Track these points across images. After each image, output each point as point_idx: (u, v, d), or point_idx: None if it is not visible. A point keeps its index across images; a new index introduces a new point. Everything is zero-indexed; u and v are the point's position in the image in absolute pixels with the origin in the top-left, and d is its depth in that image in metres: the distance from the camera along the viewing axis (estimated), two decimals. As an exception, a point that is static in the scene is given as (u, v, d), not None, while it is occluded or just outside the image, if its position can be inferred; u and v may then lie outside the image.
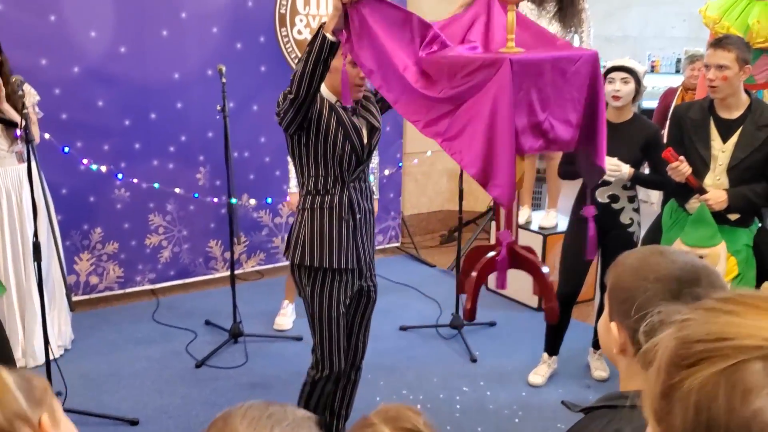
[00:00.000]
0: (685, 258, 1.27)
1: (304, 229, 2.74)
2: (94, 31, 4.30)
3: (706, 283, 1.20)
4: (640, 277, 1.24)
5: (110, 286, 4.67)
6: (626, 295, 1.25)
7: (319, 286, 2.75)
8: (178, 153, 4.72)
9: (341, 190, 2.73)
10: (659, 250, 1.30)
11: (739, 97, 3.06)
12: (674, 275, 1.22)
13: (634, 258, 1.29)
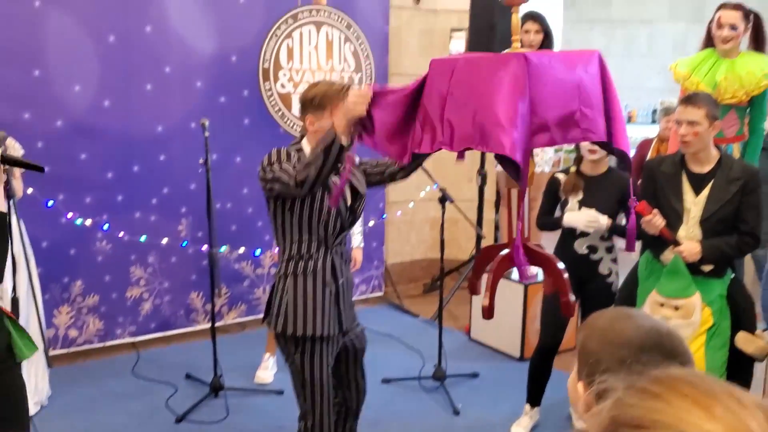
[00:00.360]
0: (651, 323, 1.30)
1: (287, 297, 2.70)
2: (78, 85, 4.35)
3: (669, 349, 1.24)
4: (606, 341, 1.28)
5: (90, 340, 4.63)
6: (593, 357, 1.28)
7: (308, 355, 2.71)
8: (160, 205, 4.74)
9: (324, 255, 2.72)
10: (627, 314, 1.34)
11: (710, 152, 3.14)
12: (638, 341, 1.26)
13: (603, 320, 1.33)
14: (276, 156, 2.65)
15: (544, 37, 4.67)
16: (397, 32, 5.97)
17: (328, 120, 2.60)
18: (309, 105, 2.67)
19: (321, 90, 2.66)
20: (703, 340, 3.06)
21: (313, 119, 2.67)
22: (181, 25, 4.64)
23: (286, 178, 2.54)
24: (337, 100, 2.62)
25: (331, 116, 2.60)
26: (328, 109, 2.64)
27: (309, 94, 2.68)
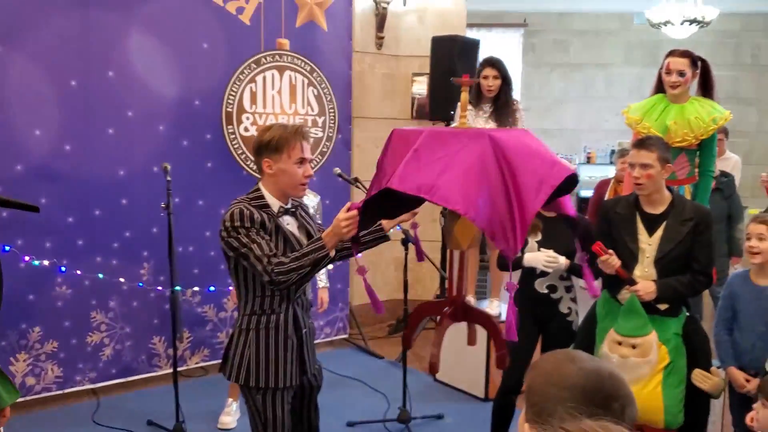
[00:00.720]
0: (593, 366, 1.35)
1: (249, 351, 2.69)
2: (38, 130, 4.34)
3: (610, 392, 1.29)
4: (550, 384, 1.32)
5: (48, 387, 4.54)
6: (537, 399, 1.32)
7: (270, 401, 2.71)
8: (122, 249, 4.70)
9: (286, 309, 2.71)
10: (571, 357, 1.38)
11: (663, 194, 3.24)
12: (580, 384, 1.30)
13: (548, 363, 1.37)
14: (242, 220, 2.58)
15: (503, 83, 4.79)
16: (360, 76, 6.07)
17: (286, 161, 2.65)
18: (266, 148, 2.67)
19: (277, 133, 2.67)
20: (660, 378, 3.11)
21: (271, 162, 2.67)
22: (144, 69, 4.67)
23: (260, 267, 2.53)
24: (293, 141, 2.66)
25: (289, 158, 2.65)
26: (286, 151, 2.66)
27: (265, 137, 2.68)
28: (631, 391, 1.31)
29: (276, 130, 2.69)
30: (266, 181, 2.73)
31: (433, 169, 2.22)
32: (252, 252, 2.55)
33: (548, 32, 10.26)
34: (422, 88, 6.28)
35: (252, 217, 2.59)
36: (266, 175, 2.71)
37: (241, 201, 2.67)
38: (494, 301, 5.04)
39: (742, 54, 10.16)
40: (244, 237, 2.56)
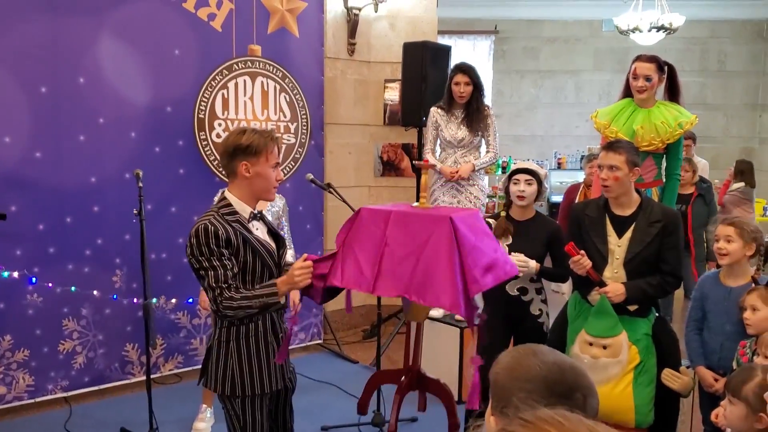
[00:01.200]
0: (554, 359, 1.39)
1: (231, 361, 2.69)
2: (8, 137, 4.30)
3: (571, 383, 1.33)
4: (513, 377, 1.36)
5: (19, 396, 4.49)
6: (502, 392, 1.36)
7: (250, 408, 2.72)
8: (94, 256, 4.67)
9: (263, 316, 2.72)
10: (533, 350, 1.42)
11: (631, 196, 3.31)
12: (541, 376, 1.34)
13: (511, 357, 1.41)
14: (206, 237, 2.55)
15: (474, 89, 4.85)
16: (332, 82, 6.10)
17: (264, 166, 2.66)
18: (243, 152, 2.66)
19: (254, 137, 2.67)
20: (630, 378, 3.17)
21: (249, 165, 2.66)
22: (115, 76, 4.65)
23: (210, 295, 2.57)
24: (271, 145, 2.68)
25: (267, 161, 2.66)
26: (264, 154, 2.66)
27: (242, 141, 2.66)
28: (592, 383, 1.36)
29: (253, 134, 2.69)
30: (237, 185, 2.71)
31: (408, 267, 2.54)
32: (208, 278, 2.56)
33: (518, 39, 10.37)
34: (394, 95, 6.33)
35: (217, 233, 2.56)
36: (239, 179, 2.69)
37: (209, 214, 2.64)
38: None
39: (709, 60, 10.37)
40: (205, 261, 2.56)
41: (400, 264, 2.56)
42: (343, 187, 4.50)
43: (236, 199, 2.70)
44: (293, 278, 2.60)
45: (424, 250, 2.52)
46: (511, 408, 1.32)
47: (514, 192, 3.67)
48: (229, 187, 2.74)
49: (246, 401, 2.71)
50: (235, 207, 2.69)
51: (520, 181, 3.67)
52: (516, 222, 3.71)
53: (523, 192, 3.65)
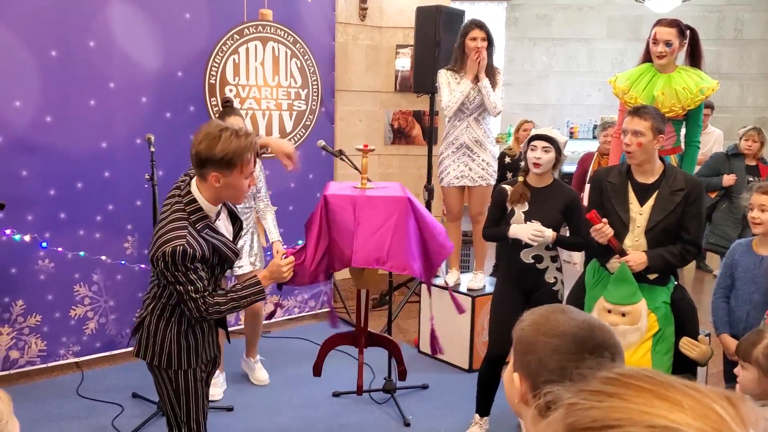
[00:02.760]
0: (583, 317, 1.36)
1: (170, 334, 2.68)
2: (18, 101, 4.26)
3: (600, 341, 1.30)
4: (541, 333, 1.33)
5: (32, 361, 4.51)
6: (527, 348, 1.33)
7: (184, 381, 2.74)
8: (105, 222, 4.66)
9: None
10: (561, 308, 1.39)
11: (654, 163, 3.25)
12: (570, 332, 1.31)
13: (537, 314, 1.38)
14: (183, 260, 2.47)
15: (488, 45, 4.75)
16: (344, 48, 6.02)
17: (237, 176, 2.50)
18: (216, 162, 2.47)
19: (232, 146, 2.46)
20: (649, 346, 3.15)
21: (220, 176, 2.49)
22: (126, 40, 4.59)
23: (193, 305, 2.54)
24: (247, 155, 2.50)
25: (241, 173, 2.51)
26: (239, 167, 2.49)
27: (216, 150, 2.45)
28: (620, 344, 1.33)
29: (228, 143, 2.47)
30: (205, 188, 2.56)
31: (380, 241, 2.99)
32: (187, 292, 2.53)
33: (531, 6, 10.21)
34: (406, 61, 6.25)
35: (194, 255, 2.49)
36: (208, 184, 2.54)
37: (180, 228, 2.51)
38: (478, 273, 5.06)
39: (725, 28, 10.19)
40: (181, 276, 2.50)
41: (370, 239, 2.99)
42: (353, 155, 4.45)
43: (203, 199, 2.58)
44: (280, 273, 2.76)
45: (392, 227, 3.01)
46: (536, 364, 1.30)
47: (531, 158, 3.61)
48: (197, 184, 2.58)
49: (180, 373, 2.72)
50: (202, 207, 2.58)
51: (537, 148, 3.60)
52: (533, 189, 3.66)
53: (539, 159, 3.59)
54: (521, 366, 1.35)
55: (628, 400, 0.70)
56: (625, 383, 0.72)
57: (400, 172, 6.39)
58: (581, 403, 0.72)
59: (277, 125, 5.38)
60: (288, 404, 4.15)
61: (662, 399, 0.69)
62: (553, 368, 1.27)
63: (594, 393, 0.73)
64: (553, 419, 0.76)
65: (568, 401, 0.74)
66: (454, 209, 5.07)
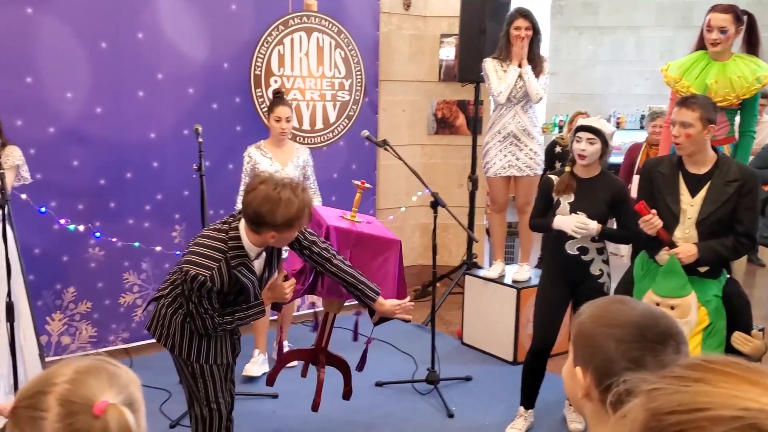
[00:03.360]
0: (644, 306, 1.33)
1: (187, 328, 2.74)
2: (70, 92, 4.35)
3: (665, 328, 1.26)
4: (602, 323, 1.30)
5: (83, 346, 4.62)
6: (589, 341, 1.31)
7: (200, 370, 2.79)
8: (153, 211, 4.74)
9: None
10: (620, 299, 1.36)
11: (707, 154, 3.16)
12: (633, 321, 1.28)
13: (596, 306, 1.35)
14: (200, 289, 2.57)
15: (534, 33, 4.69)
16: (387, 38, 6.00)
17: (291, 233, 2.64)
18: (274, 225, 2.55)
19: (293, 211, 2.53)
20: (699, 340, 3.09)
21: (277, 235, 2.60)
22: (173, 31, 4.65)
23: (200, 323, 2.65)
24: (304, 219, 2.61)
25: (294, 231, 2.64)
26: (295, 227, 2.61)
27: (278, 216, 2.52)
28: (683, 331, 1.29)
29: (290, 208, 2.53)
30: (253, 234, 2.62)
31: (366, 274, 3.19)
32: (198, 312, 2.63)
33: (577, -6, 10.06)
34: (450, 51, 6.21)
35: (211, 289, 2.57)
36: (263, 236, 2.61)
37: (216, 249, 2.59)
38: (524, 265, 5.01)
39: (779, 15, 9.89)
40: (195, 297, 2.60)
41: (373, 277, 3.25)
42: (396, 145, 4.44)
43: (248, 241, 2.64)
44: (282, 295, 2.91)
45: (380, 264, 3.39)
46: (600, 356, 1.27)
47: (576, 150, 3.55)
48: (246, 230, 2.63)
49: (197, 364, 2.78)
50: (245, 248, 2.64)
51: (582, 139, 3.54)
52: (580, 179, 3.61)
53: (584, 151, 3.53)
54: (583, 359, 1.32)
55: (715, 385, 0.68)
56: (711, 369, 0.71)
57: (443, 162, 6.36)
58: (665, 388, 0.71)
59: (320, 116, 5.40)
60: (331, 393, 4.17)
61: (752, 384, 0.68)
62: (618, 359, 1.25)
63: (678, 378, 0.71)
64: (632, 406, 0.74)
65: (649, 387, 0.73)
66: (499, 200, 5.02)
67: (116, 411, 1.05)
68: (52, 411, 1.04)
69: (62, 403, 1.05)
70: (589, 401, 1.32)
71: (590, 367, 1.30)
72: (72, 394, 1.06)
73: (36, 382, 1.10)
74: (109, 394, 1.08)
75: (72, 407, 1.04)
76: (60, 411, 1.04)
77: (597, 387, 1.29)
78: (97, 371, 1.11)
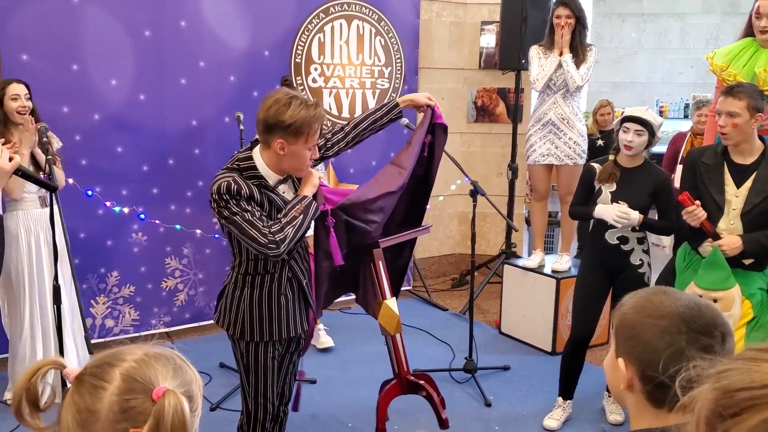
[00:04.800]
0: (688, 297, 1.32)
1: (243, 305, 2.66)
2: (114, 80, 4.42)
3: (710, 319, 1.25)
4: (645, 315, 1.29)
5: (126, 329, 4.71)
6: (632, 332, 1.29)
7: (254, 355, 2.72)
8: (195, 198, 4.80)
9: (281, 268, 2.66)
10: (663, 289, 1.35)
11: (753, 143, 3.09)
12: (678, 312, 1.26)
13: (639, 297, 1.34)
14: (228, 193, 2.45)
15: (576, 22, 4.63)
16: (427, 25, 5.98)
17: (302, 146, 2.49)
18: (283, 129, 2.46)
19: (300, 115, 2.45)
20: (743, 333, 3.03)
21: (285, 144, 2.48)
22: (215, 20, 4.69)
23: (253, 233, 2.44)
24: (316, 126, 2.50)
25: (306, 143, 2.49)
26: (305, 136, 2.48)
27: (285, 117, 2.45)
28: (728, 321, 1.27)
29: (297, 111, 2.46)
30: (268, 155, 2.54)
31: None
32: (244, 227, 2.46)
33: (621, -20, 9.89)
34: (490, 38, 6.16)
35: (240, 191, 2.46)
36: (273, 153, 2.51)
37: (228, 172, 2.52)
38: (563, 255, 4.97)
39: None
40: (234, 207, 2.45)
41: None
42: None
43: (263, 165, 2.54)
44: (312, 180, 2.62)
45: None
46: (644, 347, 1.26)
47: (622, 140, 3.50)
48: (260, 151, 2.56)
49: (252, 346, 2.70)
50: (260, 171, 2.53)
51: (629, 130, 3.48)
52: (623, 169, 3.56)
53: (630, 142, 3.47)
54: (625, 351, 1.31)
55: None
56: None
57: (482, 150, 6.33)
58: (736, 368, 0.71)
59: (360, 104, 5.40)
60: (369, 379, 4.20)
61: None
62: (663, 349, 1.23)
63: (749, 360, 0.72)
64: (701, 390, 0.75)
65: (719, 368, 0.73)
66: (540, 188, 4.98)
67: (174, 397, 1.06)
68: (114, 384, 1.07)
69: (125, 378, 1.08)
70: (631, 393, 1.31)
71: (633, 359, 1.28)
72: (137, 372, 1.08)
73: (107, 355, 1.13)
74: (172, 383, 1.10)
75: (133, 384, 1.07)
76: (121, 385, 1.07)
77: (640, 379, 1.28)
78: (166, 359, 1.14)
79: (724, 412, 0.69)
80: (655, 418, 1.27)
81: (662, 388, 1.22)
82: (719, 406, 0.70)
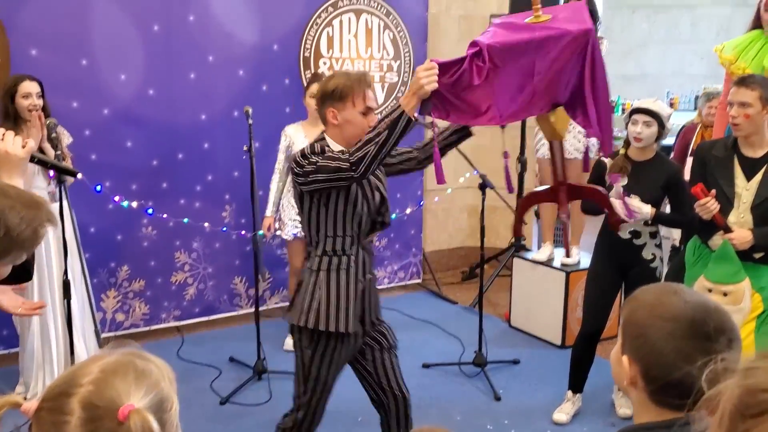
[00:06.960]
0: (698, 298, 1.31)
1: (319, 292, 2.64)
2: (123, 74, 4.43)
3: (717, 324, 1.25)
4: (654, 315, 1.28)
5: (136, 323, 4.74)
6: (639, 331, 1.29)
7: (321, 351, 2.68)
8: (204, 192, 4.82)
9: (357, 252, 2.68)
10: (674, 289, 1.34)
11: (764, 136, 3.06)
12: (687, 315, 1.26)
13: (649, 295, 1.33)
14: (311, 149, 2.56)
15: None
16: (436, 19, 5.95)
17: (351, 110, 2.58)
18: (329, 97, 2.60)
19: (341, 81, 2.59)
20: (752, 327, 3.01)
21: (336, 112, 2.60)
22: (223, 14, 4.69)
23: (336, 164, 2.47)
24: (358, 89, 2.58)
25: (354, 106, 2.58)
26: (350, 99, 2.58)
27: (329, 85, 2.60)
28: (736, 325, 1.27)
29: (339, 78, 2.62)
30: (332, 131, 2.65)
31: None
32: (326, 162, 2.49)
33: (631, -29, 9.82)
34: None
35: (323, 149, 2.56)
36: (331, 126, 2.64)
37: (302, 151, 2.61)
38: (574, 248, 4.95)
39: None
40: (313, 157, 2.52)
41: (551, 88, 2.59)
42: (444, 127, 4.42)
43: (333, 142, 2.64)
44: (418, 81, 2.34)
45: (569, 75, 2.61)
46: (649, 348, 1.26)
47: (632, 132, 3.49)
48: (327, 131, 2.68)
49: (320, 343, 2.66)
50: (332, 147, 2.62)
51: (638, 122, 3.47)
52: (634, 162, 3.54)
53: (639, 134, 3.46)
54: (631, 350, 1.30)
55: None
56: None
57: (491, 143, 6.29)
58: (763, 367, 0.71)
59: (369, 97, 5.39)
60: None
61: None
62: (668, 352, 1.23)
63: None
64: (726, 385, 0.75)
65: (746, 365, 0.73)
66: (548, 182, 4.96)
67: (139, 417, 0.99)
68: (75, 415, 1.00)
69: (85, 406, 1.01)
70: (634, 389, 1.31)
71: (638, 358, 1.28)
72: (96, 396, 1.01)
73: (61, 382, 1.05)
74: (136, 395, 1.03)
75: (95, 411, 1.00)
76: (83, 415, 1.00)
77: (643, 378, 1.28)
78: (125, 369, 1.05)
79: (746, 411, 0.69)
80: (657, 416, 1.27)
81: (665, 389, 1.23)
82: (742, 405, 0.70)
